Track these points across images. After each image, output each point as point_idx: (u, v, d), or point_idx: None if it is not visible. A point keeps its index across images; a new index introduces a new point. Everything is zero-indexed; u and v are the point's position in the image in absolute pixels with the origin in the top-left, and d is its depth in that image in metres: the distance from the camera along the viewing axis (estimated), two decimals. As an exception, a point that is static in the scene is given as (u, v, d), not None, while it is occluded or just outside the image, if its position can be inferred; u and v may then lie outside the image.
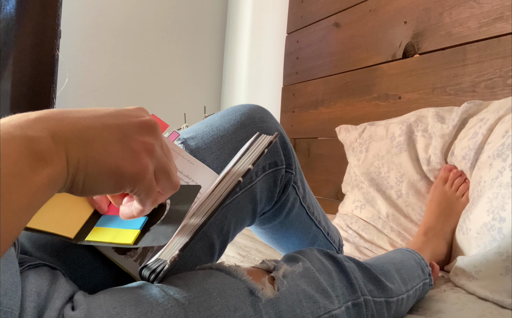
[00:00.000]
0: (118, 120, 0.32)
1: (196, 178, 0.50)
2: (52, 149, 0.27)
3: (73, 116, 0.30)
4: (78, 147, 0.29)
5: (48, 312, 0.33)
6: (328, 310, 0.46)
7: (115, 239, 0.39)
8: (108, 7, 1.94)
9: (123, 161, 0.31)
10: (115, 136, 0.31)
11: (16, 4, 1.48)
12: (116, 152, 0.31)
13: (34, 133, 0.26)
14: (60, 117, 0.29)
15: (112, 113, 0.32)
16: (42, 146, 0.26)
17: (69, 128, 0.29)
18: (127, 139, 0.32)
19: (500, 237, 0.74)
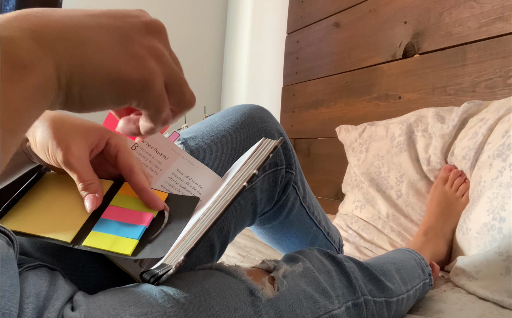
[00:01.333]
0: (117, 21, 0.27)
1: (197, 179, 0.50)
2: (35, 53, 0.22)
3: (60, 14, 0.24)
4: (69, 49, 0.24)
5: (48, 313, 0.33)
6: (328, 310, 0.46)
7: (113, 247, 0.38)
8: (108, 7, 1.94)
9: (125, 65, 0.26)
10: (114, 39, 0.26)
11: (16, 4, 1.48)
12: (116, 55, 0.25)
13: (11, 33, 0.21)
14: (42, 15, 0.23)
15: (108, 13, 0.27)
16: (22, 49, 0.21)
17: (57, 28, 0.23)
18: (129, 42, 0.27)
19: (500, 237, 0.74)
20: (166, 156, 0.51)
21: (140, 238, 0.39)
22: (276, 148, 0.45)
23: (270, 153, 0.44)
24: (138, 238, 0.39)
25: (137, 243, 0.39)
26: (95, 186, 0.41)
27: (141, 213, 0.42)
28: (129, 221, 0.41)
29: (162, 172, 0.50)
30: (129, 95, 0.27)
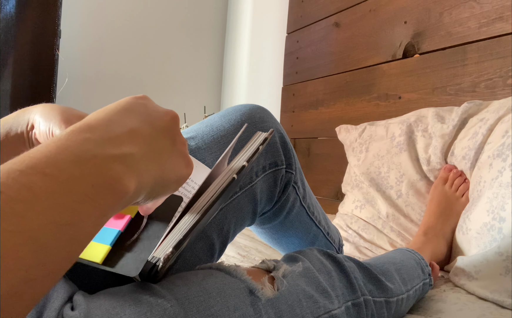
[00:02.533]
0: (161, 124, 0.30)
1: (196, 178, 0.50)
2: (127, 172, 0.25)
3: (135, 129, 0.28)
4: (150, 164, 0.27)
5: (47, 313, 0.33)
6: (328, 310, 0.46)
7: (85, 254, 0.36)
8: (108, 7, 1.94)
9: (182, 168, 0.32)
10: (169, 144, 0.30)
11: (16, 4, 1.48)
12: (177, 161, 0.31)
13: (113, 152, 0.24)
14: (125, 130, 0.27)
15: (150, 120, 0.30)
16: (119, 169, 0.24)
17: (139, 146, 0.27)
18: (175, 143, 0.31)
19: (500, 237, 0.74)
20: None
21: (113, 243, 0.37)
22: (266, 140, 0.45)
23: (260, 145, 0.44)
24: (111, 244, 0.37)
25: (109, 250, 0.37)
26: None
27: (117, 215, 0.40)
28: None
29: None
30: (181, 185, 0.32)
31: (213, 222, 0.52)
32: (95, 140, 0.24)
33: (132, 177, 0.25)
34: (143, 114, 0.30)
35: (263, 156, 0.58)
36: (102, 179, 0.22)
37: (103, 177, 0.23)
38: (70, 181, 0.21)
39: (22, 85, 1.52)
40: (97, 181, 0.22)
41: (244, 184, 0.55)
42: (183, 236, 0.36)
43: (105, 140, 0.24)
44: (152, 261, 0.36)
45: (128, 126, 0.27)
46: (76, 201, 0.21)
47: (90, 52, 1.91)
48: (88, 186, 0.21)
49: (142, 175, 0.26)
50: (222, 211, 0.53)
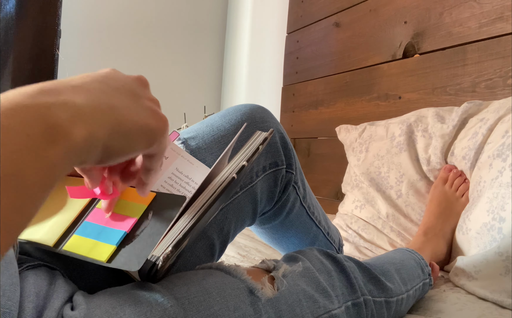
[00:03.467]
0: (118, 83, 0.31)
1: (196, 178, 0.50)
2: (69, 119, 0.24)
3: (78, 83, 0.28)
4: (101, 113, 0.27)
5: (47, 312, 0.33)
6: (328, 309, 0.46)
7: (91, 252, 0.37)
8: (108, 7, 1.94)
9: (148, 118, 0.31)
10: (129, 99, 0.30)
11: (16, 4, 1.48)
12: (139, 112, 0.31)
13: (48, 99, 0.24)
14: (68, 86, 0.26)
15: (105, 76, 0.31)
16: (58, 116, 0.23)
17: (88, 104, 0.26)
18: (139, 99, 0.31)
19: (500, 237, 0.74)
20: (165, 156, 0.50)
21: (119, 243, 0.38)
22: (266, 140, 0.45)
23: (260, 145, 0.44)
24: (116, 244, 0.38)
25: (114, 249, 0.37)
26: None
27: (124, 216, 0.40)
28: (111, 225, 0.40)
29: (162, 172, 0.49)
30: (153, 141, 0.31)
31: (213, 222, 0.52)
32: (28, 94, 0.23)
33: (78, 125, 0.24)
34: (97, 76, 0.30)
35: (264, 157, 0.58)
36: (37, 127, 0.22)
37: (39, 125, 0.22)
38: (3, 132, 0.20)
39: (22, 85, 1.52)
40: (32, 130, 0.22)
41: (244, 184, 0.55)
42: (183, 236, 0.36)
43: (39, 92, 0.24)
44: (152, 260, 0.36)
45: (72, 83, 0.27)
46: (14, 151, 0.20)
47: (90, 52, 1.91)
48: (23, 135, 0.21)
49: (91, 124, 0.25)
50: (222, 211, 0.53)
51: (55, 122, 0.23)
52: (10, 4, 1.47)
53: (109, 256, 0.37)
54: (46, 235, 0.39)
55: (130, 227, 0.39)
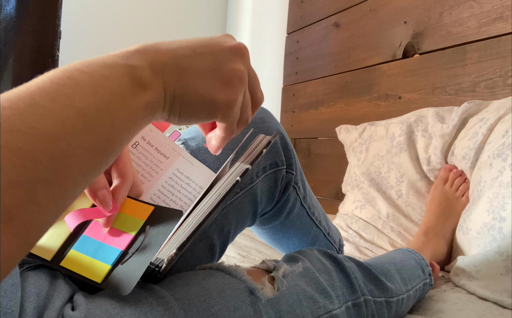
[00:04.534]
0: (210, 48, 0.33)
1: (197, 179, 0.50)
2: (151, 78, 0.28)
3: (168, 47, 0.31)
4: (174, 76, 0.30)
5: (48, 313, 0.33)
6: (328, 310, 0.46)
7: (86, 271, 0.37)
8: (108, 7, 1.94)
9: (216, 89, 0.32)
10: (208, 65, 0.32)
11: (16, 5, 1.49)
12: (210, 81, 0.32)
13: (135, 62, 0.28)
14: (156, 49, 0.30)
15: (204, 42, 0.33)
16: (142, 74, 0.28)
17: (166, 59, 0.30)
18: (220, 67, 0.32)
19: (500, 236, 0.74)
20: (166, 156, 0.50)
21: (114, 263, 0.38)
22: (270, 143, 0.45)
23: (264, 149, 0.44)
24: (112, 265, 0.38)
25: (109, 269, 0.37)
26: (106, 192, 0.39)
27: (121, 232, 0.40)
28: (108, 241, 0.39)
29: (163, 172, 0.49)
30: (217, 113, 0.33)
31: (213, 223, 0.52)
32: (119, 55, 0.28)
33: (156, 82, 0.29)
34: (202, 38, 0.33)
35: (264, 157, 0.58)
36: (127, 80, 0.27)
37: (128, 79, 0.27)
38: (102, 79, 0.25)
39: (22, 86, 1.52)
40: (123, 82, 0.26)
41: (245, 184, 0.55)
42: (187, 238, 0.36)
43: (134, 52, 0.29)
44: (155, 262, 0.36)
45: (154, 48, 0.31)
46: (108, 94, 0.25)
47: (90, 52, 1.91)
48: (116, 85, 0.26)
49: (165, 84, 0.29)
50: (222, 212, 0.53)
51: (139, 78, 0.28)
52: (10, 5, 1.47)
53: (103, 277, 0.37)
54: (45, 246, 0.39)
55: (126, 245, 0.39)
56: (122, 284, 0.36)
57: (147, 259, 0.37)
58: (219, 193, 0.39)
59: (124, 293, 0.35)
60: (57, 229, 0.41)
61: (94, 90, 0.24)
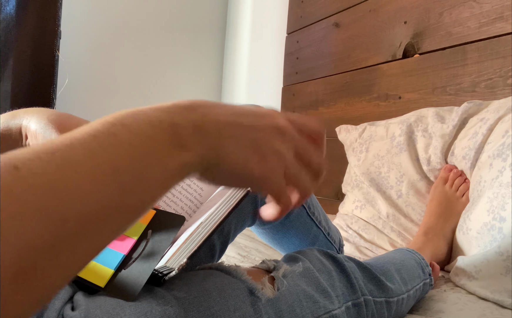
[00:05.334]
0: (255, 121, 0.33)
1: (198, 181, 0.50)
2: (192, 141, 0.28)
3: (216, 112, 0.31)
4: (214, 144, 0.30)
5: (48, 313, 0.33)
6: (328, 310, 0.46)
7: (89, 275, 0.37)
8: (108, 8, 1.94)
9: (251, 163, 0.32)
10: (248, 138, 0.32)
11: (16, 5, 1.49)
12: (248, 155, 0.32)
13: (180, 121, 0.28)
14: (204, 112, 0.30)
15: (249, 113, 0.33)
16: (184, 135, 0.28)
17: (211, 124, 0.30)
18: (259, 143, 0.32)
19: (501, 236, 0.74)
20: None
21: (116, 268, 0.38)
22: None
23: None
24: (115, 269, 0.38)
25: (112, 274, 0.38)
26: None
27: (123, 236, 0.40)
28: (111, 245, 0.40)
29: None
30: (252, 185, 0.33)
31: (213, 222, 0.52)
32: (165, 109, 0.28)
33: (195, 145, 0.29)
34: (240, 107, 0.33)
35: None
36: (167, 139, 0.27)
37: (168, 137, 0.27)
38: (145, 138, 0.25)
39: (22, 86, 1.52)
40: (163, 143, 0.26)
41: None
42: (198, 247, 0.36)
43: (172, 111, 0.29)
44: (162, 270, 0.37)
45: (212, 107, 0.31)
46: (149, 156, 0.25)
47: (90, 52, 1.91)
48: (157, 146, 0.26)
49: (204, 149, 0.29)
50: (222, 211, 0.53)
51: (180, 139, 0.27)
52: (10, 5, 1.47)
53: (106, 282, 0.37)
54: None
55: (128, 250, 0.39)
56: (126, 290, 0.36)
57: (151, 266, 0.37)
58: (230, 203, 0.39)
59: (128, 300, 0.35)
60: None
61: (136, 152, 0.24)
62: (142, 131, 0.25)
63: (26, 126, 0.39)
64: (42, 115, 0.39)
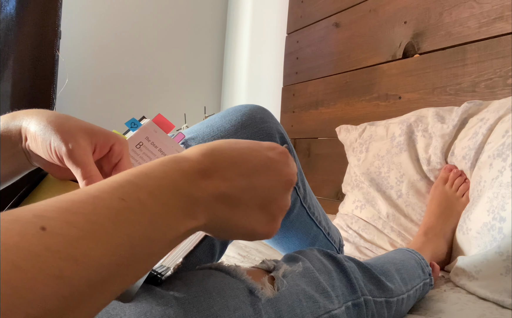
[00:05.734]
0: (268, 180, 0.32)
1: None
2: (205, 212, 0.28)
3: (231, 173, 0.30)
4: (224, 210, 0.30)
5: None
6: (328, 310, 0.46)
7: None
8: (108, 8, 1.94)
9: (259, 226, 0.32)
10: (259, 199, 0.32)
11: (16, 5, 1.49)
12: (256, 216, 0.32)
13: (197, 193, 0.28)
14: (220, 177, 0.29)
15: (264, 167, 0.32)
16: (198, 209, 0.27)
17: (225, 194, 0.29)
18: (270, 203, 0.32)
19: (500, 236, 0.74)
20: None
21: None
22: None
23: None
24: None
25: None
26: None
27: None
28: None
29: None
30: (255, 239, 0.33)
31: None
32: (183, 172, 0.27)
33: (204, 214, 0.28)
34: (256, 165, 0.32)
35: None
36: (182, 210, 0.26)
37: (183, 205, 0.27)
38: (162, 207, 0.25)
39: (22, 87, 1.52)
40: (178, 213, 0.26)
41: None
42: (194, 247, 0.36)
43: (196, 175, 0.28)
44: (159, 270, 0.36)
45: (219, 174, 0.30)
46: (164, 226, 0.25)
47: (91, 52, 1.91)
48: (172, 216, 0.26)
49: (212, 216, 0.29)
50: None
51: (193, 211, 0.27)
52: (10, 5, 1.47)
53: None
54: None
55: None
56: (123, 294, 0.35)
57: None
58: None
59: (125, 302, 0.35)
60: None
61: (155, 220, 0.24)
62: (161, 199, 0.25)
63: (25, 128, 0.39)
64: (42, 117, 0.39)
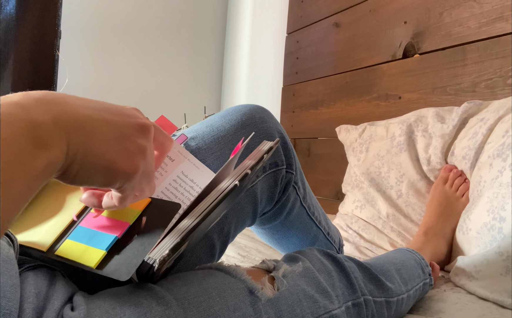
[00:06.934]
0: (118, 118, 0.32)
1: (201, 183, 0.50)
2: (54, 136, 0.27)
3: (75, 103, 0.29)
4: (79, 137, 0.28)
5: (47, 313, 0.33)
6: (328, 310, 0.46)
7: (81, 258, 0.37)
8: (108, 8, 1.94)
9: (118, 158, 0.31)
10: (113, 133, 0.31)
11: (16, 5, 1.49)
12: (113, 149, 0.31)
13: (38, 116, 0.26)
14: (62, 102, 0.28)
15: (111, 110, 0.32)
16: (44, 131, 0.26)
17: (72, 117, 0.28)
18: (125, 138, 0.32)
19: (500, 236, 0.74)
20: (172, 158, 0.50)
21: (109, 248, 0.38)
22: (271, 149, 0.45)
23: (265, 154, 0.44)
24: (106, 249, 0.37)
25: (104, 255, 0.37)
26: None
27: (117, 221, 0.40)
28: (104, 229, 0.39)
29: (167, 174, 0.49)
30: (115, 182, 0.32)
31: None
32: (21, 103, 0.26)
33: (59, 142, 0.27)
34: (106, 104, 0.32)
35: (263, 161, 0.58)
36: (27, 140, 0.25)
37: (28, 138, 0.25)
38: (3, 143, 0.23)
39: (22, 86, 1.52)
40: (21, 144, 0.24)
41: (246, 185, 0.55)
42: (181, 239, 0.36)
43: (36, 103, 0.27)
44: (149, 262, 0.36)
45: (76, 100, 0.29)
46: (6, 162, 0.23)
47: (90, 52, 1.91)
48: (14, 148, 0.24)
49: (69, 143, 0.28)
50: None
51: (41, 137, 0.26)
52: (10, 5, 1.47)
53: (98, 262, 0.37)
54: (43, 239, 0.39)
55: (121, 232, 0.39)
56: (119, 270, 0.36)
57: (146, 248, 0.37)
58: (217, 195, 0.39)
59: (122, 278, 0.35)
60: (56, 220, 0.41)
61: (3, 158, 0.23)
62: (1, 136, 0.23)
63: None
64: None
